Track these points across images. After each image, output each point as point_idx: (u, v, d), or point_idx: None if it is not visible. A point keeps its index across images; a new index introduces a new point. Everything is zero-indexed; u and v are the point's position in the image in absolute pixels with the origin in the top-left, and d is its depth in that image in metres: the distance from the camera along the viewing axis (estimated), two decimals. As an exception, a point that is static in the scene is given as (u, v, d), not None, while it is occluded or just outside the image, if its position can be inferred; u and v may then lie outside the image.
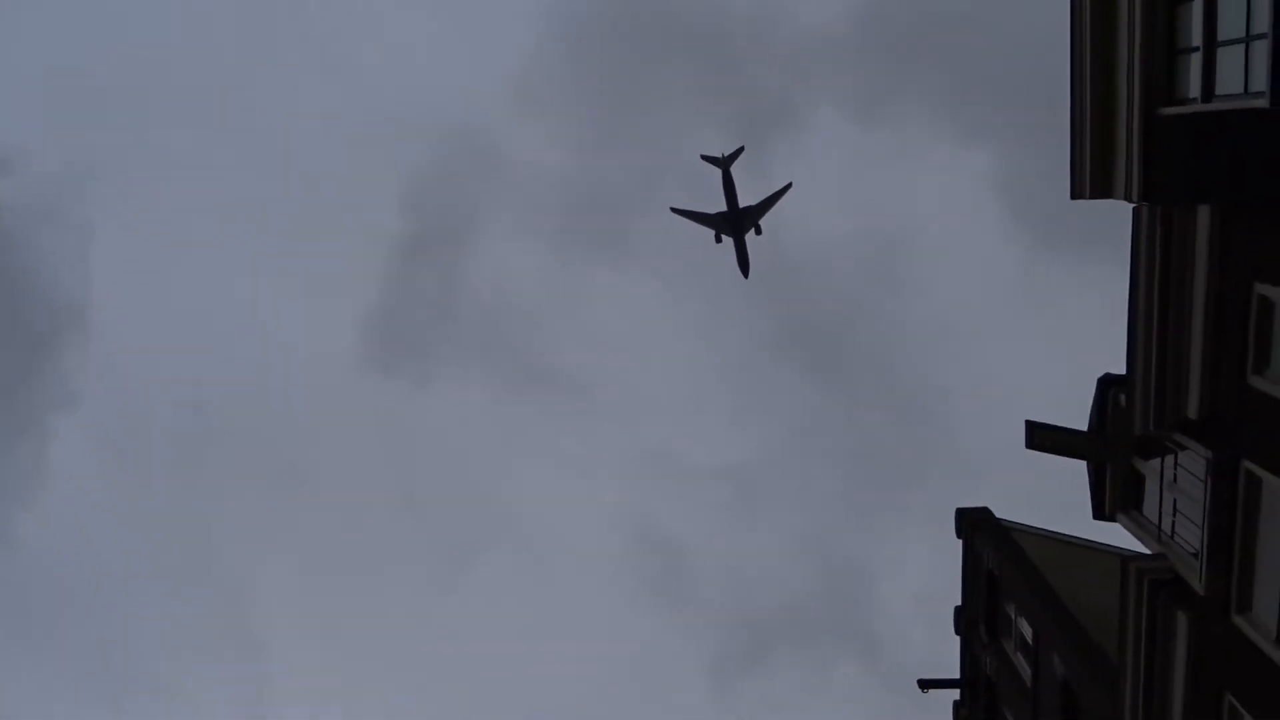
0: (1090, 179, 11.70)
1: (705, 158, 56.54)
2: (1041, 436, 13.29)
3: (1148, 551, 12.12)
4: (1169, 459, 11.51)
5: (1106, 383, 12.64)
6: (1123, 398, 11.87)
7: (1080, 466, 13.28)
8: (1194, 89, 9.88)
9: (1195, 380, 10.48)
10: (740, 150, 56.39)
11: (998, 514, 19.86)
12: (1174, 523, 11.42)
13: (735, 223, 56.71)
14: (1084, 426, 13.04)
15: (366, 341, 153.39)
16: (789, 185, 57.80)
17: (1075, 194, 11.91)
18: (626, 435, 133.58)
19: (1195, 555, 10.80)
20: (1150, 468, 11.98)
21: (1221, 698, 10.36)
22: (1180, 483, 11.29)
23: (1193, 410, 10.61)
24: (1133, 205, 11.03)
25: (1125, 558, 11.98)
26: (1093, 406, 13.04)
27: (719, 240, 58.09)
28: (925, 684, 20.95)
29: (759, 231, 57.92)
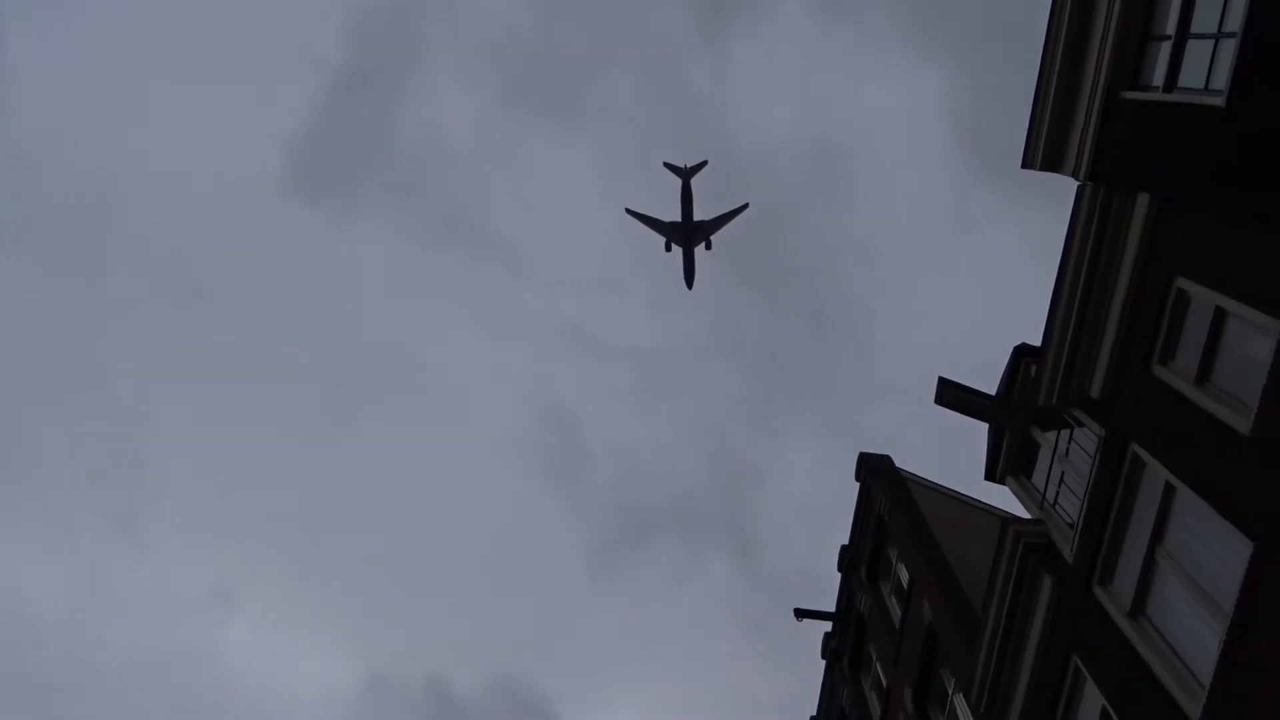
0: (1043, 152, 11.84)
1: (669, 166, 56.78)
2: (951, 395, 13.68)
3: (1029, 516, 12.64)
4: (1064, 433, 11.94)
5: (1020, 352, 12.99)
6: (1033, 369, 12.22)
7: (981, 426, 13.72)
8: (1158, 77, 9.99)
9: (1103, 361, 10.83)
10: (703, 164, 56.98)
11: (899, 455, 20.55)
12: (1058, 493, 11.91)
13: (687, 234, 57.41)
14: (993, 387, 13.42)
15: (290, 166, 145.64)
16: (745, 205, 58.69)
17: (1026, 163, 12.06)
18: (543, 304, 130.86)
19: (1071, 526, 11.32)
20: (1046, 439, 12.43)
21: (1069, 658, 10.99)
22: (1070, 456, 11.75)
23: (1095, 390, 11.00)
24: (1078, 183, 11.23)
25: (1006, 519, 12.49)
26: (1004, 373, 13.41)
27: (669, 249, 58.75)
28: (801, 613, 21.79)
29: (709, 246, 58.53)
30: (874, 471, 20.11)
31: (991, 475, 13.59)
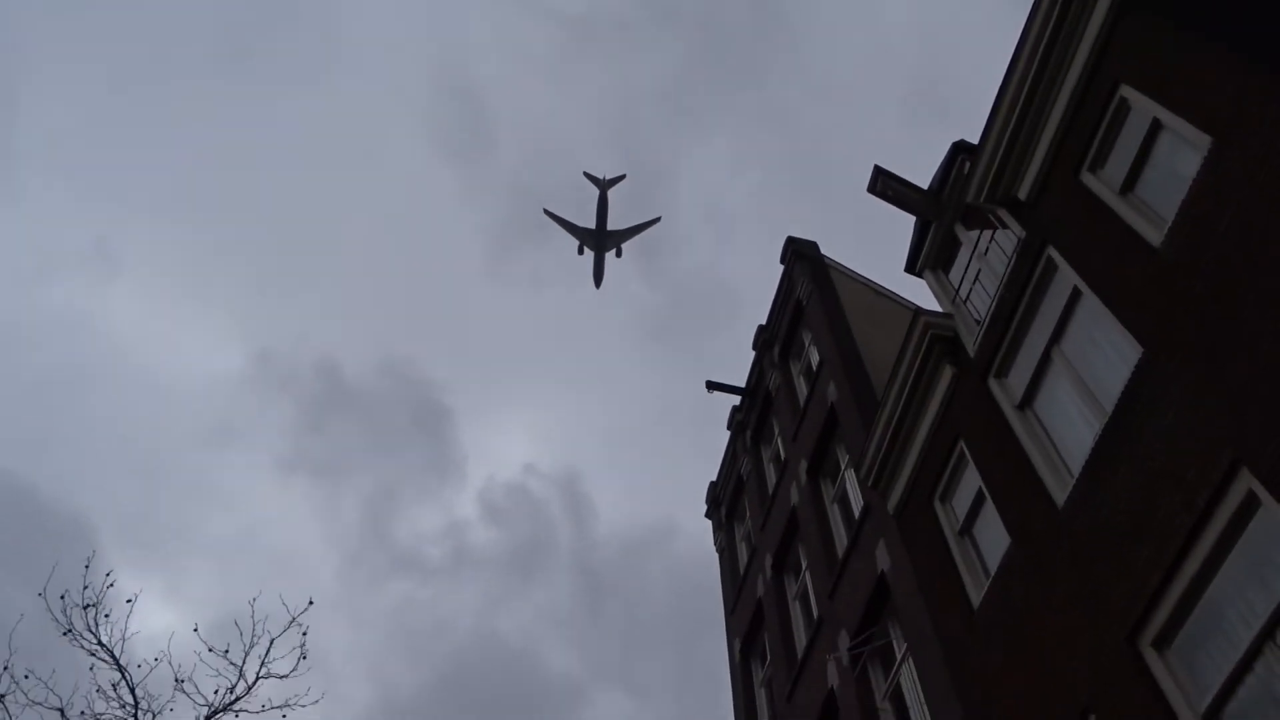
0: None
1: (588, 176, 60.85)
2: (885, 184, 13.74)
3: (940, 310, 13.07)
4: (986, 233, 12.18)
5: (957, 149, 12.99)
6: (967, 165, 12.28)
7: (907, 219, 13.90)
8: None
9: (1036, 164, 10.92)
10: (622, 177, 61.40)
11: (825, 244, 20.80)
12: (971, 290, 12.28)
13: (599, 240, 61.27)
14: (926, 180, 13.51)
15: None
16: (658, 218, 63.16)
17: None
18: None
19: (978, 323, 11.76)
20: (968, 237, 12.67)
21: (956, 442, 11.72)
22: (989, 256, 12.04)
23: (1023, 192, 11.15)
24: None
25: (918, 311, 12.89)
26: (940, 168, 13.46)
27: (581, 252, 62.68)
28: (712, 386, 22.54)
29: (619, 254, 62.66)
30: (799, 256, 20.40)
31: (912, 268, 13.90)
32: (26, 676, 12.75)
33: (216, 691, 13.85)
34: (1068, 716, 8.37)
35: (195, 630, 13.82)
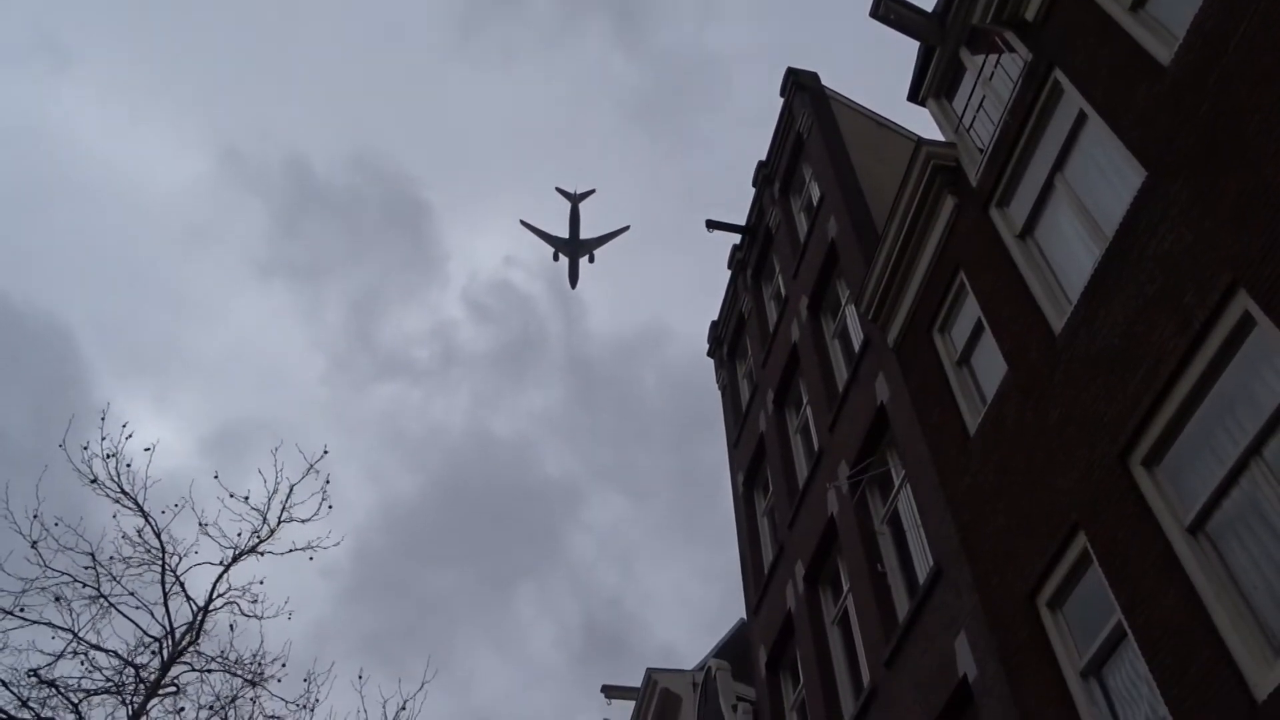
0: None
1: (560, 190, 67.11)
2: (888, 8, 13.27)
3: (943, 140, 12.84)
4: (992, 57, 11.83)
5: (965, -33, 12.47)
6: (974, -14, 11.83)
7: (911, 46, 13.48)
8: None
9: (1045, -19, 10.52)
10: (592, 191, 67.46)
11: (826, 74, 20.27)
12: (975, 118, 12.03)
13: (573, 249, 67.37)
14: (930, 7, 13.04)
15: None
16: (626, 227, 68.28)
17: None
18: None
19: (981, 151, 11.58)
20: (973, 62, 12.32)
21: (956, 273, 11.74)
22: (994, 81, 11.74)
23: (1031, 12, 10.79)
24: None
25: (920, 140, 12.67)
26: (944, -11, 12.96)
27: (556, 259, 68.42)
28: (712, 225, 22.39)
29: (591, 260, 68.20)
30: (800, 87, 19.87)
31: (915, 96, 13.57)
32: (56, 524, 13.23)
33: (240, 534, 14.42)
34: (1058, 532, 8.71)
35: (215, 477, 14.27)
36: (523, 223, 66.50)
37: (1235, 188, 7.21)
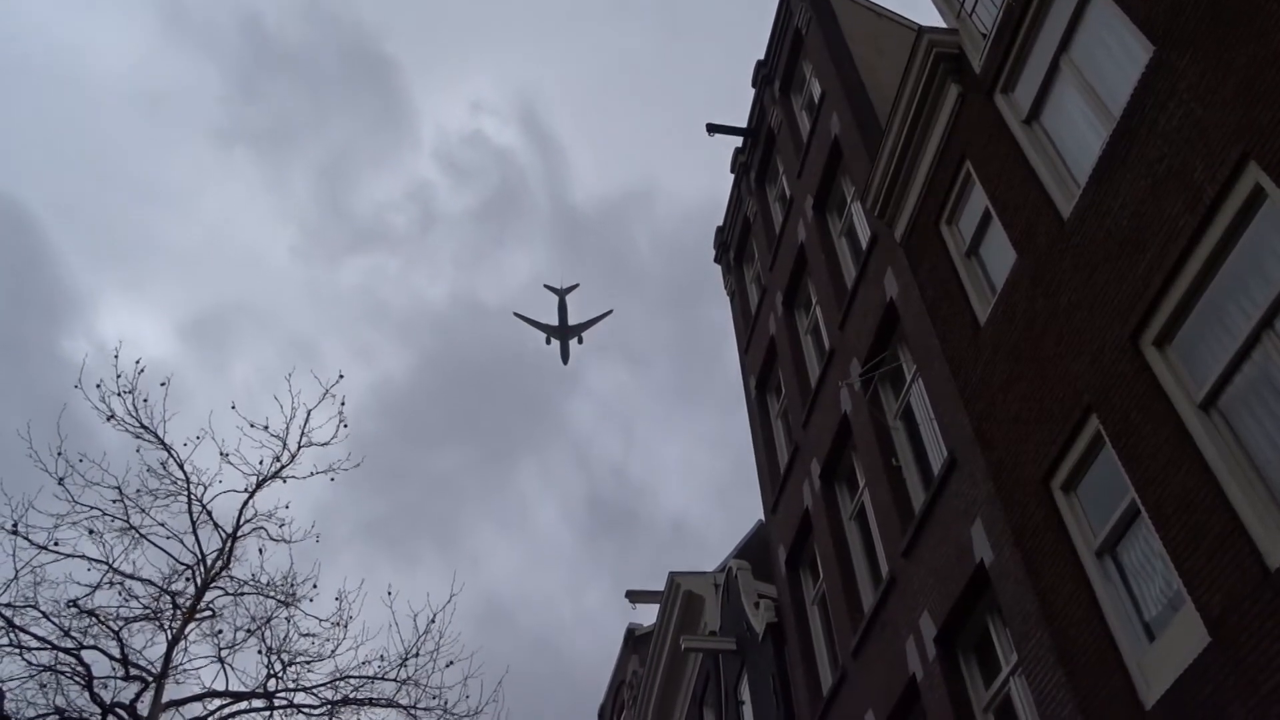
0: None
1: (548, 287, 76.64)
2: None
3: (945, 27, 12.56)
4: (994, -64, 11.49)
5: None
6: None
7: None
8: None
9: None
10: (575, 286, 76.83)
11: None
12: (977, 2, 11.74)
13: (563, 335, 76.23)
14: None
15: None
16: (610, 311, 77.56)
17: None
18: None
19: (984, 36, 11.32)
20: (974, -58, 11.97)
21: (963, 163, 11.60)
22: (996, -38, 11.42)
23: (1032, -114, 10.44)
24: None
25: (922, 28, 12.39)
26: None
27: (548, 343, 76.91)
28: (713, 128, 22.07)
29: (580, 341, 77.04)
30: (796, -18, 19.37)
31: (914, -17, 13.23)
32: (81, 460, 13.46)
33: (262, 462, 14.67)
34: (1071, 415, 8.78)
35: (233, 407, 14.48)
36: (516, 314, 76.82)
37: (1244, 58, 7.06)
